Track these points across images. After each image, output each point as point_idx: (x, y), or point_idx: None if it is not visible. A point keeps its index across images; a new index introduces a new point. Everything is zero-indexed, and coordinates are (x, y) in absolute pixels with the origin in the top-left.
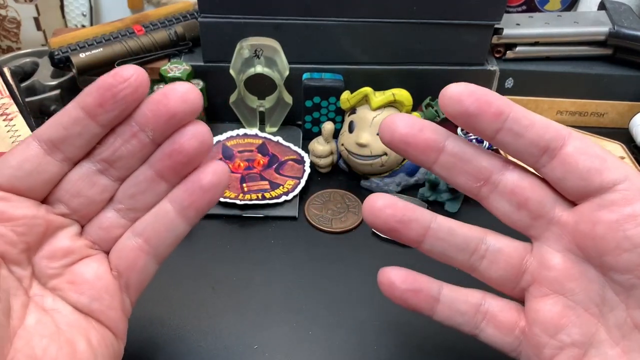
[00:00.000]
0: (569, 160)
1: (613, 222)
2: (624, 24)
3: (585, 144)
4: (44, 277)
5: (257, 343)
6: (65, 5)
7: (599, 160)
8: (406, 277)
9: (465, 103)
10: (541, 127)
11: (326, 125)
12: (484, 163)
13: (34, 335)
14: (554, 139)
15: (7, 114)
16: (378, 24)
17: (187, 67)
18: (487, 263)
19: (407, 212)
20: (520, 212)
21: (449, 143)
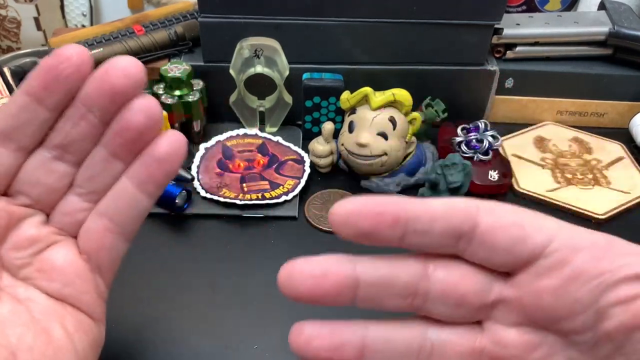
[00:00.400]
0: (487, 239)
1: (557, 288)
2: (624, 24)
3: (497, 215)
4: (13, 268)
5: (257, 343)
6: (65, 5)
7: (516, 229)
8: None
9: (356, 224)
10: (444, 215)
11: (326, 125)
12: (405, 278)
13: (8, 325)
14: (463, 222)
15: None
16: (378, 24)
17: (187, 67)
18: (438, 358)
19: (335, 337)
20: (460, 309)
21: (361, 274)
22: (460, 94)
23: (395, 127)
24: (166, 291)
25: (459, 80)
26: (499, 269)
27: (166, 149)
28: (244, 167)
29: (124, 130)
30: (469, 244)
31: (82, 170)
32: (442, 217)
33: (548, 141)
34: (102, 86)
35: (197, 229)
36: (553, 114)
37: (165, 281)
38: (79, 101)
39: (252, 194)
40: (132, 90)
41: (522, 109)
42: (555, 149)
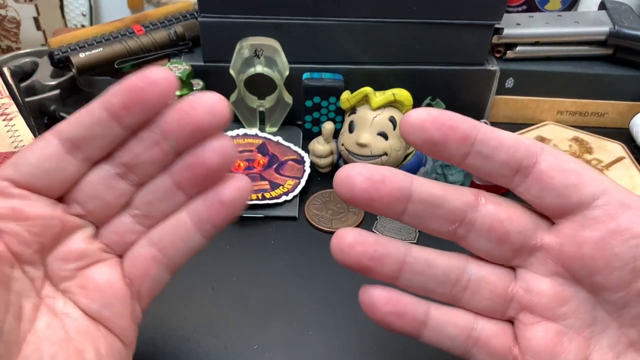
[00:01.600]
0: (543, 178)
1: (599, 240)
2: (624, 24)
3: (558, 158)
4: (56, 278)
5: (257, 343)
6: (65, 5)
7: (574, 175)
8: (389, 298)
9: (428, 130)
10: (511, 146)
11: (326, 125)
12: (456, 203)
13: (43, 342)
14: (525, 157)
15: (7, 114)
16: (378, 23)
17: (187, 67)
18: (470, 294)
19: (379, 247)
20: (501, 247)
21: (415, 189)
22: (461, 94)
23: (395, 127)
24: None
25: (459, 80)
26: (547, 211)
27: (232, 194)
28: (244, 167)
29: (196, 166)
30: (525, 179)
31: (143, 193)
32: (508, 146)
33: (548, 141)
34: (185, 119)
35: None
36: (553, 113)
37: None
38: (157, 127)
39: (252, 194)
40: (214, 129)
41: (522, 108)
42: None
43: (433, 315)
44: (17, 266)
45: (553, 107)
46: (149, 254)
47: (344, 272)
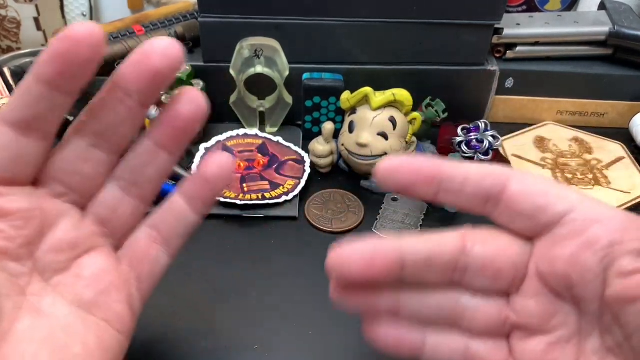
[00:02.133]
0: (512, 204)
1: (570, 256)
2: (624, 24)
3: (525, 183)
4: (49, 272)
5: (257, 343)
6: (65, 6)
7: (541, 197)
8: (389, 334)
9: (398, 177)
10: (477, 179)
11: (326, 125)
12: (446, 256)
13: (24, 341)
14: (492, 187)
15: None
16: (378, 24)
17: (187, 67)
18: (465, 322)
19: (371, 299)
20: (496, 282)
21: (406, 255)
22: (461, 94)
23: (395, 127)
24: (166, 291)
25: (459, 80)
26: (520, 233)
27: (215, 171)
28: (244, 167)
29: (172, 120)
30: (496, 207)
31: (125, 161)
32: (474, 179)
33: (548, 141)
34: (142, 69)
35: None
36: (553, 114)
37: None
38: (116, 86)
39: (252, 194)
40: (172, 72)
41: (522, 109)
42: (555, 149)
43: (429, 341)
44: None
45: (553, 107)
46: (146, 236)
47: None
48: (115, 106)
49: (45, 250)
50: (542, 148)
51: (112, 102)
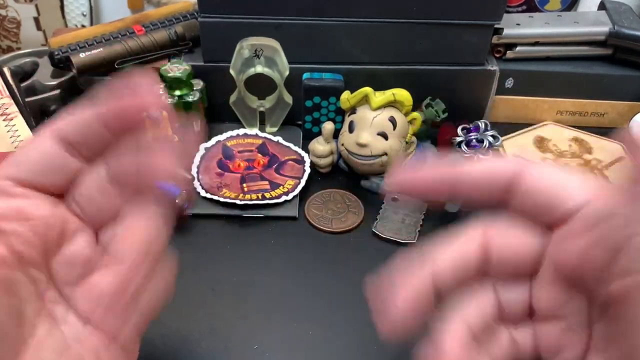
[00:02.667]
0: (527, 197)
1: (583, 251)
2: (624, 24)
3: (541, 174)
4: (61, 282)
5: (257, 343)
6: (65, 5)
7: (557, 189)
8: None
9: (411, 192)
10: (488, 177)
11: (326, 125)
12: (472, 263)
13: (44, 348)
14: (507, 182)
15: (7, 114)
16: (378, 24)
17: (187, 67)
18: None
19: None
20: (518, 272)
21: (438, 282)
22: (461, 94)
23: (395, 127)
24: None
25: (459, 80)
26: (539, 223)
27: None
28: (244, 167)
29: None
30: (512, 200)
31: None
32: (486, 179)
33: (548, 141)
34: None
35: (197, 229)
36: (553, 114)
37: None
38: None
39: (252, 194)
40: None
41: (522, 108)
42: (555, 149)
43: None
44: (20, 269)
45: (553, 107)
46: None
47: (344, 272)
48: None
49: (61, 261)
50: (542, 148)
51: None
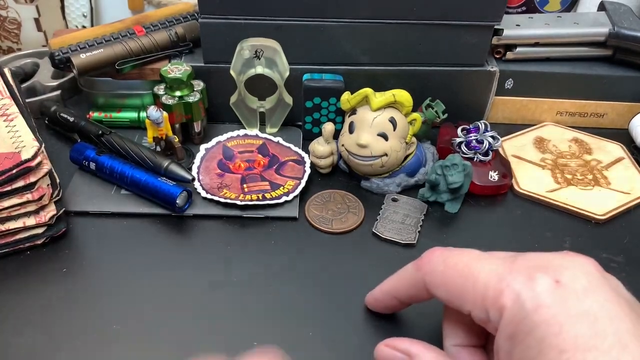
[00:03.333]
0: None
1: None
2: (623, 25)
3: (439, 290)
4: None
5: (257, 343)
6: (65, 7)
7: (457, 300)
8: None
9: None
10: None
11: (326, 126)
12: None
13: None
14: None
15: (8, 115)
16: (378, 24)
17: (188, 68)
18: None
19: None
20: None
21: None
22: (460, 95)
23: (395, 128)
24: (167, 291)
25: (459, 81)
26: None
27: None
28: (244, 167)
29: None
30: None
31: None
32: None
33: (548, 142)
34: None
35: (197, 230)
36: (553, 114)
37: (166, 281)
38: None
39: (252, 195)
40: None
41: (521, 109)
42: (555, 150)
43: None
44: None
45: (552, 108)
46: None
47: (344, 272)
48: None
49: None
50: (542, 148)
51: None
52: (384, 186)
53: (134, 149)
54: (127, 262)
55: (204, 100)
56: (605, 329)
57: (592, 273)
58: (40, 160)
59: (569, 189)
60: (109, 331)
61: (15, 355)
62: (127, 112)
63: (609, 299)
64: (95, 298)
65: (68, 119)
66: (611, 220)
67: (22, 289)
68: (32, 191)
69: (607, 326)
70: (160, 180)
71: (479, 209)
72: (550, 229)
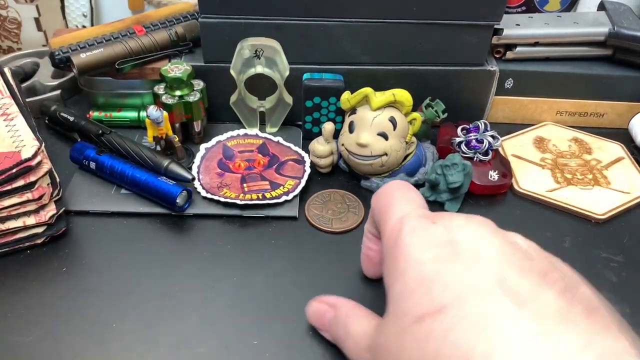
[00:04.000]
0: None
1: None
2: (623, 25)
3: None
4: None
5: (257, 342)
6: (65, 6)
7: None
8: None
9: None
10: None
11: (326, 126)
12: None
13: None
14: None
15: (8, 114)
16: (378, 24)
17: (188, 68)
18: None
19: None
20: None
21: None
22: (460, 94)
23: (395, 128)
24: (167, 290)
25: (459, 81)
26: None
27: None
28: (244, 167)
29: None
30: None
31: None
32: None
33: (548, 141)
34: None
35: (197, 229)
36: (553, 114)
37: (166, 280)
38: None
39: (252, 194)
40: None
41: (521, 109)
42: (555, 149)
43: None
44: None
45: (552, 108)
46: None
47: (344, 272)
48: None
49: None
50: (542, 148)
51: None
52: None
53: (134, 148)
54: (127, 261)
55: (204, 99)
56: (467, 249)
57: (476, 219)
58: (40, 159)
59: (568, 188)
60: (109, 330)
61: (15, 354)
62: (127, 111)
63: (484, 235)
64: (95, 297)
65: (68, 119)
66: (611, 220)
67: (22, 289)
68: (32, 190)
69: (468, 247)
70: (160, 180)
71: (479, 209)
72: (550, 228)
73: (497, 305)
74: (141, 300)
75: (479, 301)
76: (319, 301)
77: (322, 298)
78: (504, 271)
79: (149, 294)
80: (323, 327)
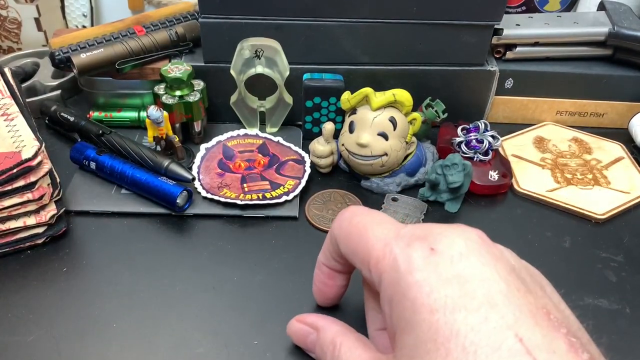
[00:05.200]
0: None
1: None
2: (623, 25)
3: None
4: None
5: (258, 342)
6: (66, 6)
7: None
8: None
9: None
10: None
11: (326, 126)
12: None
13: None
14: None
15: (8, 114)
16: (378, 24)
17: (188, 68)
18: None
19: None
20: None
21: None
22: (460, 94)
23: (395, 128)
24: (167, 290)
25: (459, 81)
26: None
27: None
28: (244, 167)
29: None
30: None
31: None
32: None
33: (548, 141)
34: None
35: (197, 229)
36: (553, 114)
37: (166, 280)
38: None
39: (252, 194)
40: None
41: (521, 109)
42: (555, 149)
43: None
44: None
45: (552, 108)
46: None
47: None
48: None
49: None
50: (542, 148)
51: None
52: (384, 186)
53: (134, 148)
54: (127, 261)
55: (204, 99)
56: (475, 289)
57: (472, 239)
58: (40, 159)
59: (568, 188)
60: (109, 330)
61: (15, 354)
62: (128, 111)
63: (486, 262)
64: (95, 297)
65: (68, 119)
66: (611, 220)
67: (22, 289)
68: (32, 190)
69: (477, 287)
70: (160, 180)
71: (479, 209)
72: (550, 228)
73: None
74: (141, 300)
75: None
76: (300, 321)
77: (303, 318)
78: (518, 322)
79: (149, 294)
80: (307, 348)
